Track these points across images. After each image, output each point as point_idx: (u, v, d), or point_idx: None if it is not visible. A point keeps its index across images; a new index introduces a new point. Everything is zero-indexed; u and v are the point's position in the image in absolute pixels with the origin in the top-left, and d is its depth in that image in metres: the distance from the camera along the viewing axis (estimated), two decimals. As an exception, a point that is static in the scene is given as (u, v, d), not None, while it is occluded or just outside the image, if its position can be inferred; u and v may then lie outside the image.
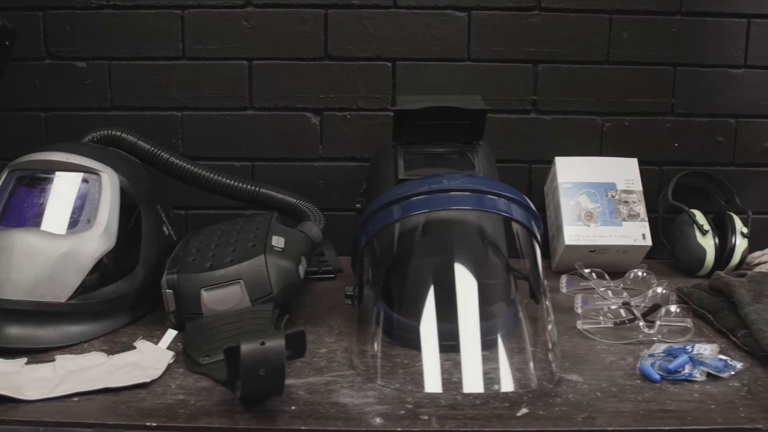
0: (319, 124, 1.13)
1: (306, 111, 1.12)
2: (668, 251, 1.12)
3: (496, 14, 1.10)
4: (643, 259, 1.13)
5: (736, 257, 1.05)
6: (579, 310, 0.92)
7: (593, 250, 1.04)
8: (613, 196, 1.06)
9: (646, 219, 1.05)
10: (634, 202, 1.06)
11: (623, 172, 1.08)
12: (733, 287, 0.92)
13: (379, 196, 0.84)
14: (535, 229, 0.84)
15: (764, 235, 1.16)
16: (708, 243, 1.05)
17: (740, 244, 1.06)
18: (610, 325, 0.88)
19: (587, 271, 1.01)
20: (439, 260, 0.82)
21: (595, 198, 1.05)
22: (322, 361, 0.78)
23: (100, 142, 0.95)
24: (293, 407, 0.68)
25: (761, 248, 1.10)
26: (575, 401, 0.71)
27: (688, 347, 0.80)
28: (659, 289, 0.95)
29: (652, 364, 0.78)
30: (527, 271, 0.85)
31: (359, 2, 1.09)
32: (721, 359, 0.79)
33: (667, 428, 0.67)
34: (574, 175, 1.07)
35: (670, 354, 0.79)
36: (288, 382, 0.74)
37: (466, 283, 0.78)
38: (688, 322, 0.88)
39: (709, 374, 0.76)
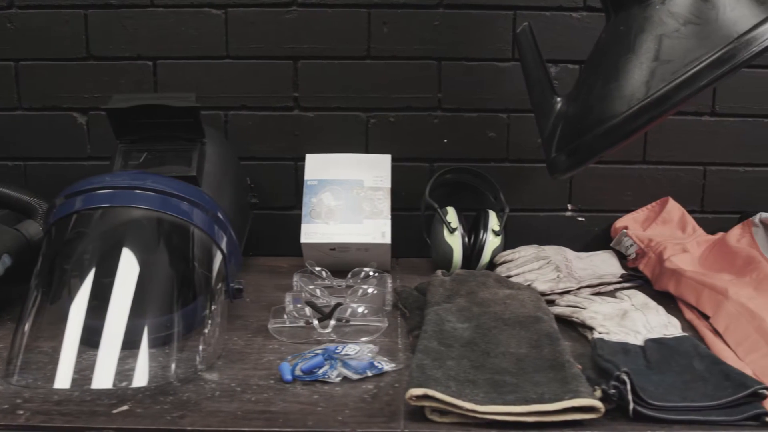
0: (86, 124, 1.13)
1: (72, 111, 1.13)
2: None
3: (252, 11, 1.09)
4: (407, 257, 1.12)
5: (486, 255, 1.02)
6: (289, 308, 0.91)
7: (333, 248, 1.02)
8: (358, 194, 1.04)
9: (389, 217, 1.02)
10: (379, 200, 1.03)
11: (374, 169, 1.05)
12: (432, 287, 0.90)
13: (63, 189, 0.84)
14: (218, 234, 0.84)
15: (529, 232, 1.13)
16: (455, 241, 1.02)
17: (491, 242, 1.02)
18: (302, 324, 0.87)
19: (318, 269, 1.00)
20: (101, 257, 0.82)
21: (339, 195, 1.03)
22: (-11, 358, 0.80)
23: None
24: None
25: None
26: (185, 400, 0.71)
27: (339, 348, 0.79)
28: (370, 289, 0.93)
29: (295, 365, 0.77)
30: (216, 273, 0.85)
31: (117, 2, 1.09)
32: (370, 361, 0.77)
33: (246, 429, 0.66)
34: (322, 172, 1.05)
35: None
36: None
37: (120, 282, 0.78)
38: (383, 321, 0.87)
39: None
